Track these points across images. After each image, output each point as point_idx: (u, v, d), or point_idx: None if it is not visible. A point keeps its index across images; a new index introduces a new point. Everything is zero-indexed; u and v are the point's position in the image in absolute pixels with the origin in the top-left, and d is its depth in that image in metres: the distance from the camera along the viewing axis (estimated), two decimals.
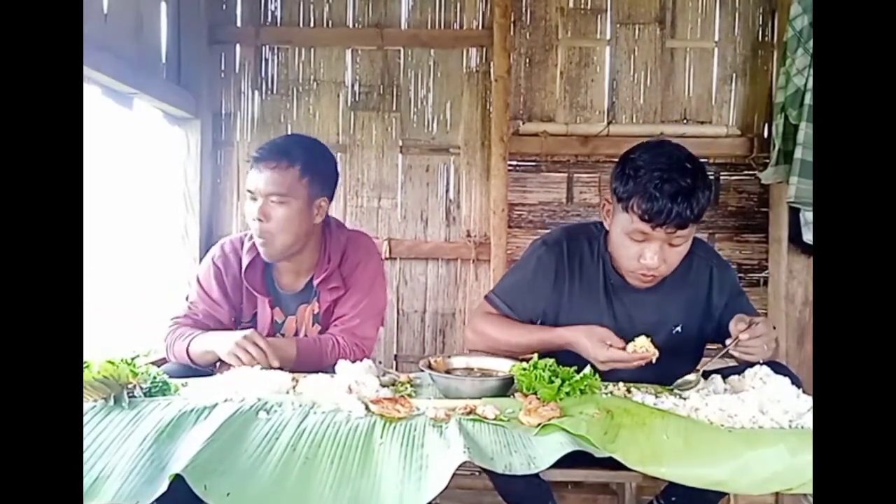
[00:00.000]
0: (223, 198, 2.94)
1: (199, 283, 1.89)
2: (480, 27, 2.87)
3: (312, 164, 1.81)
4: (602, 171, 2.85)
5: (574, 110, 2.88)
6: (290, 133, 1.95)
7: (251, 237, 1.88)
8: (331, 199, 1.89)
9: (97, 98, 2.13)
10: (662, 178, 1.48)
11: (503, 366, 1.57)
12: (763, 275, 2.85)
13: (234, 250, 1.89)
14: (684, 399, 1.38)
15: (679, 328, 1.72)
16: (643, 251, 1.55)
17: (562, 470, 1.19)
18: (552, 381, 1.37)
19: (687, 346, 1.72)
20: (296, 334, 1.89)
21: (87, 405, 1.24)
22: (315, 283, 1.86)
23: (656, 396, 1.40)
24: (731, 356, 1.53)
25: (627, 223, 1.55)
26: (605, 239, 1.72)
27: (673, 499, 1.65)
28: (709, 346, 1.79)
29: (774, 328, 1.60)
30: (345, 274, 1.87)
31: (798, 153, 2.39)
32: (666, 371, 1.52)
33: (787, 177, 2.45)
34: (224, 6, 2.91)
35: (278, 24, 2.92)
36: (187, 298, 1.91)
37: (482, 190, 2.88)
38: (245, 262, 1.85)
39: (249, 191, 1.79)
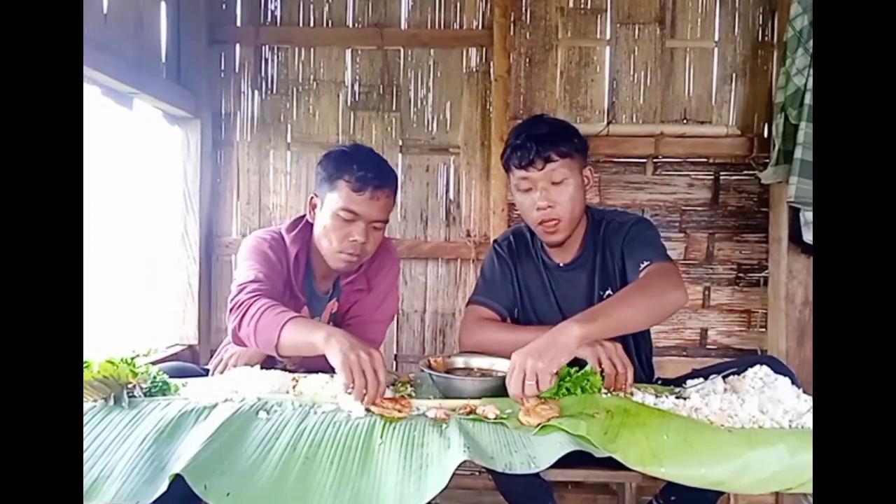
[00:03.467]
0: (223, 197, 2.94)
1: (256, 261, 1.72)
2: (480, 27, 2.87)
3: (397, 186, 1.84)
4: (602, 171, 2.85)
5: (574, 110, 2.88)
6: (360, 145, 1.84)
7: (289, 230, 1.83)
8: None
9: (97, 98, 2.13)
10: (521, 130, 1.74)
11: (503, 366, 1.57)
12: (763, 275, 2.86)
13: (283, 248, 1.80)
14: (684, 399, 1.38)
15: (609, 291, 1.78)
16: (533, 197, 1.72)
17: (562, 470, 1.18)
18: None
19: None
20: None
21: (87, 405, 1.24)
22: (343, 283, 1.87)
23: (656, 396, 1.40)
24: None
25: (514, 180, 1.76)
26: None
27: (672, 498, 1.65)
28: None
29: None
30: (369, 276, 1.89)
31: (798, 153, 2.39)
32: (632, 349, 1.58)
33: (787, 177, 2.45)
34: (224, 6, 2.91)
35: (278, 24, 2.92)
36: (246, 277, 1.67)
37: (482, 190, 2.88)
38: (292, 254, 1.79)
39: (352, 212, 1.71)
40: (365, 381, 1.31)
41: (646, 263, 1.64)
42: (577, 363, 1.50)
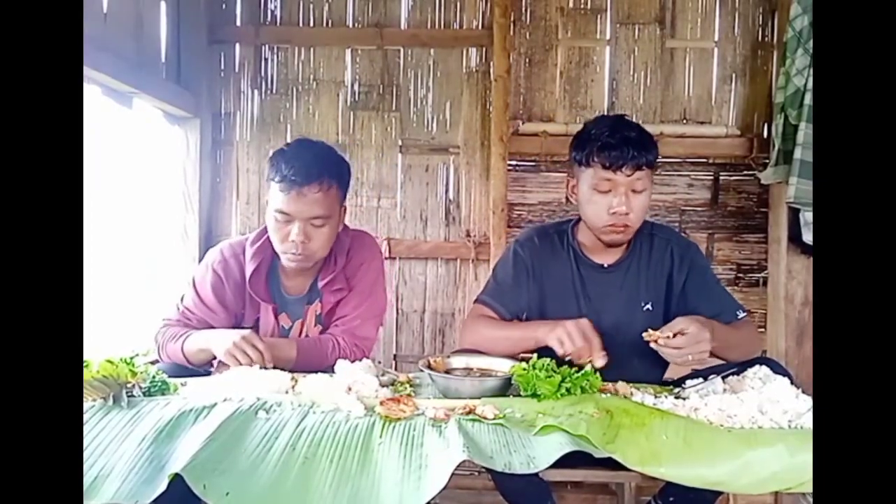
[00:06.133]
0: (223, 197, 2.94)
1: (196, 289, 1.84)
2: (480, 27, 2.87)
3: (342, 176, 1.81)
4: None
5: (574, 110, 2.88)
6: (304, 140, 1.85)
7: (253, 242, 1.85)
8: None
9: (97, 98, 2.14)
10: (612, 128, 1.69)
11: (503, 366, 1.57)
12: (763, 275, 2.86)
13: (235, 256, 1.85)
14: (684, 399, 1.38)
15: (649, 306, 1.80)
16: (611, 201, 1.68)
17: (561, 470, 1.18)
18: (551, 377, 1.37)
19: (661, 325, 1.74)
20: (300, 335, 1.87)
21: (86, 405, 1.24)
22: (320, 284, 1.85)
23: (656, 396, 1.40)
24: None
25: (592, 178, 1.70)
26: (573, 230, 1.86)
27: (671, 499, 1.65)
28: None
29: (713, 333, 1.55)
30: (348, 275, 1.87)
31: (798, 153, 2.39)
32: (651, 352, 1.53)
33: (787, 177, 2.45)
34: (224, 6, 2.92)
35: (278, 24, 2.92)
36: (182, 300, 1.86)
37: (482, 190, 2.88)
38: (249, 270, 1.81)
39: (283, 212, 1.71)
40: (248, 357, 1.57)
41: (744, 315, 1.76)
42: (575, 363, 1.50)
